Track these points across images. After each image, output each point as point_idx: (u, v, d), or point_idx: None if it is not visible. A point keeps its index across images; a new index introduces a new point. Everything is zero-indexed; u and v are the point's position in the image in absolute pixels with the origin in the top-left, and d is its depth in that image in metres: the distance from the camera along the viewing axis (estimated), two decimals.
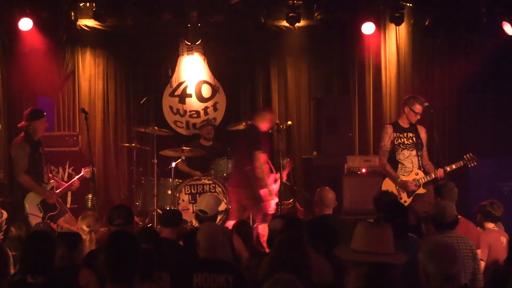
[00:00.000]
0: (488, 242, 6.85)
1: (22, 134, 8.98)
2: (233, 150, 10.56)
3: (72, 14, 11.41)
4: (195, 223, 9.27)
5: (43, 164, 9.06)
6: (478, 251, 6.43)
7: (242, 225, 7.48)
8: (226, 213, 10.37)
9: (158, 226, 8.63)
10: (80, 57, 12.23)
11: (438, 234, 5.99)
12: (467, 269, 5.79)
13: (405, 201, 8.89)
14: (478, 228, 7.19)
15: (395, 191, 8.97)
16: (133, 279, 4.23)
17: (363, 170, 11.12)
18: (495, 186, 10.65)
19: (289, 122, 11.17)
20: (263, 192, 9.22)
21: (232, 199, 9.74)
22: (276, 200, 9.40)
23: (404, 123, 9.30)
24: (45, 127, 9.21)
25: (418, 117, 9.26)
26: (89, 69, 12.28)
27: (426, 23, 11.61)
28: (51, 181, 9.11)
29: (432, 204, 8.77)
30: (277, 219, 6.50)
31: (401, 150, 9.21)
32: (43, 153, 9.10)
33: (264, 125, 9.54)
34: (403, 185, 9.05)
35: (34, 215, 8.78)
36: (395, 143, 9.22)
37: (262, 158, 9.24)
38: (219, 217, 10.39)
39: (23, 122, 9.00)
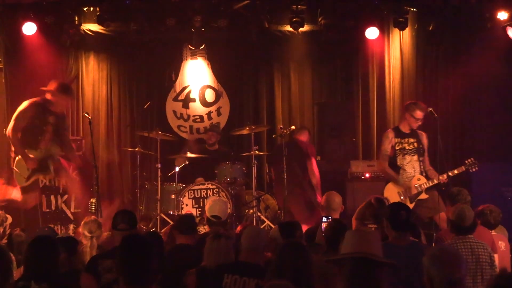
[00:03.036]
0: None
1: (38, 98, 9.40)
2: None
3: (76, 18, 11.45)
4: (201, 229, 9.23)
5: (43, 131, 9.36)
6: (496, 256, 6.42)
7: None
8: (230, 218, 10.38)
9: None
10: (83, 62, 12.24)
11: (459, 239, 5.95)
12: (484, 276, 5.72)
13: None
14: (493, 232, 7.10)
15: (397, 197, 8.96)
16: (147, 280, 4.23)
17: (367, 175, 11.11)
18: (499, 192, 10.63)
19: (293, 127, 11.17)
20: None
21: None
22: None
23: (405, 129, 9.32)
24: (61, 104, 9.48)
25: (419, 123, 9.28)
26: (92, 74, 12.29)
27: (430, 28, 11.63)
28: (55, 148, 9.34)
29: (435, 209, 8.80)
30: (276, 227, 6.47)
31: (402, 156, 9.22)
32: (51, 122, 9.22)
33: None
34: (406, 188, 9.05)
35: (20, 174, 9.24)
36: (396, 148, 9.24)
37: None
38: None
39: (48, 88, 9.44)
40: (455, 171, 9.10)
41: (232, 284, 5.24)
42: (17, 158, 9.33)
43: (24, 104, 9.35)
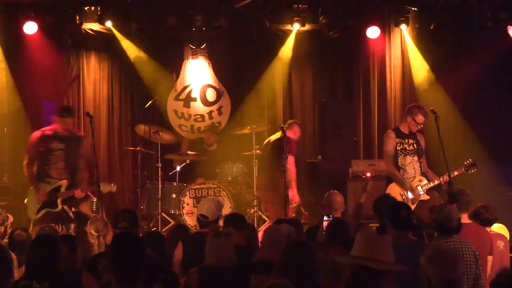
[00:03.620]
0: None
1: (43, 128, 9.49)
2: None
3: (77, 18, 11.42)
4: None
5: (51, 159, 9.32)
6: (490, 258, 6.42)
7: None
8: None
9: None
10: (85, 61, 12.24)
11: (442, 239, 5.96)
12: (469, 274, 5.76)
13: None
14: (491, 229, 7.08)
15: (399, 197, 8.95)
16: (138, 279, 4.20)
17: (368, 174, 11.09)
18: (500, 191, 10.63)
19: None
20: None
21: None
22: None
23: (405, 130, 9.32)
24: (64, 127, 9.42)
25: (419, 127, 9.27)
26: (94, 73, 12.29)
27: (431, 27, 11.62)
28: (62, 181, 9.26)
29: (435, 209, 8.79)
30: (283, 224, 6.47)
31: (404, 156, 9.22)
32: (57, 148, 9.28)
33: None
34: (411, 190, 9.05)
35: (30, 208, 9.35)
36: (398, 148, 9.23)
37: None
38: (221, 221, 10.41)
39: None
40: (455, 172, 9.09)
41: (261, 284, 5.21)
42: (29, 194, 9.43)
43: (31, 136, 9.50)
